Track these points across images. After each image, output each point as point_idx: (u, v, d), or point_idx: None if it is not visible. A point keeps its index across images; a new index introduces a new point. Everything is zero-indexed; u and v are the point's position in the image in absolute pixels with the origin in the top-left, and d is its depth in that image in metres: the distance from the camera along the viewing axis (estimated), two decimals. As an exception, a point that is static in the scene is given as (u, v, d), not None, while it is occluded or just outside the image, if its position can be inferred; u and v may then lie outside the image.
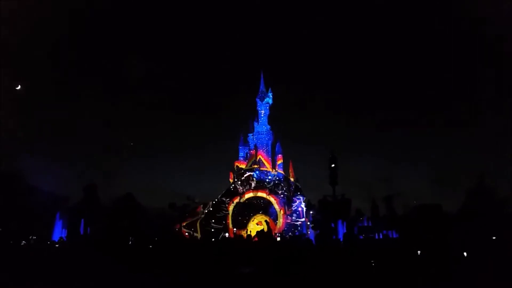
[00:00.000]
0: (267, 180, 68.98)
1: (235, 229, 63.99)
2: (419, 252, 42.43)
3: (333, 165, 39.33)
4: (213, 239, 59.90)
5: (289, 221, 65.22)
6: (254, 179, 68.20)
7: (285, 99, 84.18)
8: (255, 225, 63.21)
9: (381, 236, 56.83)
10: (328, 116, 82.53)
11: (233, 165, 72.37)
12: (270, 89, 74.23)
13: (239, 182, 68.56)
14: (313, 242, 47.43)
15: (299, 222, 65.76)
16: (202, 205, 67.00)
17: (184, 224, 64.81)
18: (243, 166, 71.20)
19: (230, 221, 64.70)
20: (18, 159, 71.00)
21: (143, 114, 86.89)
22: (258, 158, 70.58)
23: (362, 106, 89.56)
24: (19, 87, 77.04)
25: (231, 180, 70.16)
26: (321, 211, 57.80)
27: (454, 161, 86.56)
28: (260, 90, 74.26)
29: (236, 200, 66.16)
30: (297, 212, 66.47)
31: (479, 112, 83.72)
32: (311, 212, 67.15)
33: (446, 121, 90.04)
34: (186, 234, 64.80)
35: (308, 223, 66.06)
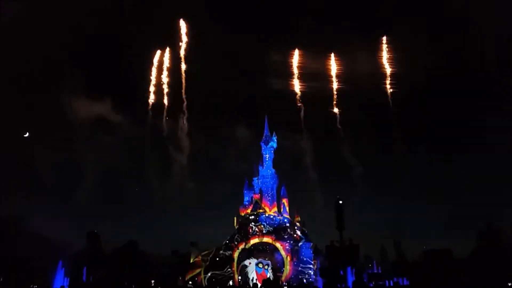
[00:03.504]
0: (273, 225, 67.80)
1: (239, 277, 62.33)
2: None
3: (339, 209, 38.85)
4: (217, 287, 58.30)
5: (296, 268, 63.56)
6: (260, 224, 67.12)
7: (290, 143, 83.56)
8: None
9: (391, 283, 55.17)
10: (334, 158, 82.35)
11: (238, 210, 71.51)
12: (274, 133, 74.88)
13: (244, 228, 67.42)
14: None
15: (307, 270, 63.96)
16: (207, 252, 65.54)
17: (187, 278, 63.40)
18: (248, 211, 70.25)
19: (235, 268, 63.14)
20: (20, 206, 70.98)
21: (144, 156, 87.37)
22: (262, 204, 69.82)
23: (370, 148, 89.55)
24: (27, 134, 78.34)
25: (235, 226, 69.07)
26: (329, 258, 56.44)
27: (463, 203, 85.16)
28: (265, 134, 74.79)
29: (242, 246, 64.84)
30: (304, 259, 64.77)
31: (488, 152, 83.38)
32: (318, 259, 65.50)
33: (454, 161, 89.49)
34: (190, 283, 63.21)
35: (313, 269, 64.33)
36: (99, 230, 64.51)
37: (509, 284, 49.12)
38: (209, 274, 62.76)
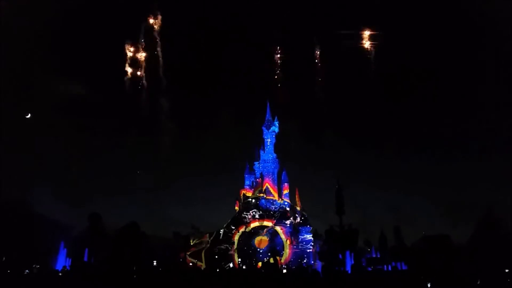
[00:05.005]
0: (273, 209, 68.21)
1: (239, 259, 62.94)
2: (429, 284, 41.38)
3: (339, 195, 38.97)
4: (217, 270, 58.94)
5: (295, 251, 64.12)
6: (260, 208, 67.51)
7: (292, 127, 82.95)
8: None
9: (389, 268, 55.64)
10: (336, 144, 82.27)
11: (239, 193, 71.90)
12: (276, 117, 74.75)
13: (245, 211, 67.90)
14: (320, 274, 46.61)
15: (306, 253, 64.55)
16: (208, 234, 66.21)
17: (189, 253, 64.04)
18: (249, 195, 70.66)
19: (235, 251, 63.74)
20: (25, 187, 71.27)
21: (147, 142, 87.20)
22: (264, 186, 70.18)
23: (370, 136, 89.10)
24: (29, 115, 78.21)
25: (236, 209, 69.52)
26: (328, 242, 56.85)
27: (463, 191, 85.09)
28: (266, 118, 74.76)
29: (242, 230, 65.38)
30: (304, 243, 65.31)
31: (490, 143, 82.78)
32: (318, 243, 66.04)
33: (457, 150, 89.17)
34: (190, 264, 63.91)
35: (312, 253, 64.87)
36: (100, 212, 64.87)
37: (506, 271, 49.38)
38: (209, 257, 63.43)
